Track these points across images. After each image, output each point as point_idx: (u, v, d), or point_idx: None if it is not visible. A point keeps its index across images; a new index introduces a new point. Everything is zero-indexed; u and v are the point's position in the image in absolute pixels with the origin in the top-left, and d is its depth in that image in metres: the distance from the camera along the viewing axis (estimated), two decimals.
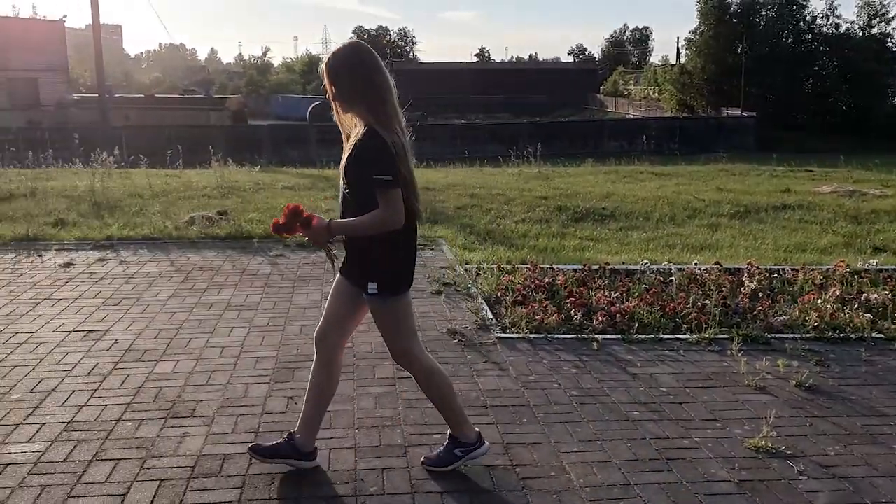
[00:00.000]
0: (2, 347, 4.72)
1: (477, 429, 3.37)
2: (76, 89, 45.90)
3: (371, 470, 3.30)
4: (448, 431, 3.35)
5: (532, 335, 5.03)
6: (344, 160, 3.01)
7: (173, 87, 65.74)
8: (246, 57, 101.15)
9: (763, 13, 44.39)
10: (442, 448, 3.35)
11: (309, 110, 46.90)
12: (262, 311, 5.54)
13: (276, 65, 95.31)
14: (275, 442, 3.31)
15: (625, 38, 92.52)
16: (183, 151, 13.73)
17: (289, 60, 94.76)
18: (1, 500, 3.02)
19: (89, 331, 5.05)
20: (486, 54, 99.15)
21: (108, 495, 3.06)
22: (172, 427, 3.67)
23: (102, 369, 4.39)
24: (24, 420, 3.73)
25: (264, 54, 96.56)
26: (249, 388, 4.15)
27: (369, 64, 2.96)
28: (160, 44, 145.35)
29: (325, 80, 3.00)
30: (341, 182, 3.04)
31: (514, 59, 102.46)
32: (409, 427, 3.71)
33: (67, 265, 6.77)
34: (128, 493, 3.08)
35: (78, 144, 13.60)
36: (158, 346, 4.79)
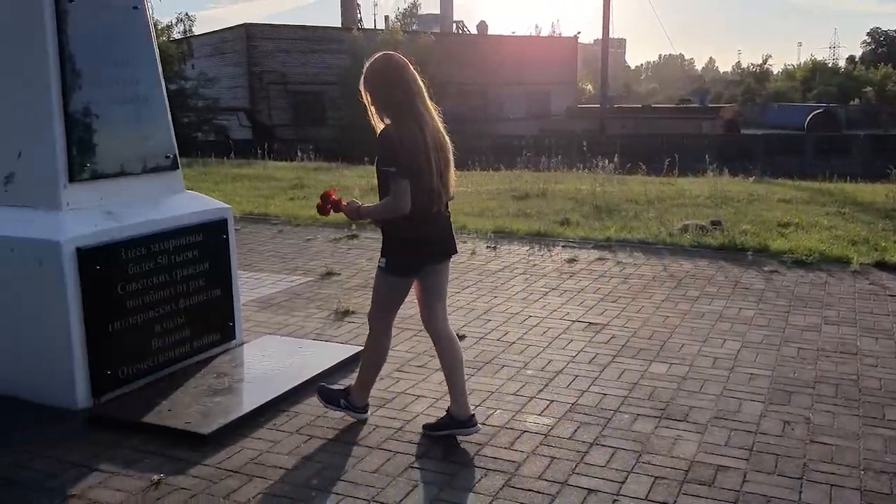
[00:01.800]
0: (519, 327, 5.37)
1: (367, 402, 3.85)
2: (580, 100, 49.75)
3: None
4: (351, 385, 3.85)
5: None
6: None
7: (669, 97, 67.07)
8: (744, 65, 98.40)
9: None
10: (338, 393, 3.87)
11: (808, 119, 43.94)
12: (756, 327, 5.36)
13: (775, 72, 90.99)
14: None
15: None
16: (674, 160, 13.95)
17: (790, 67, 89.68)
18: (518, 461, 3.45)
19: (590, 323, 5.47)
20: None
21: (607, 480, 3.28)
22: (666, 428, 3.78)
23: (601, 360, 4.72)
24: (536, 394, 4.20)
25: (764, 62, 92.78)
26: (743, 403, 4.07)
27: (390, 74, 3.46)
28: (660, 55, 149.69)
29: (361, 89, 3.49)
30: None
31: None
32: None
33: (571, 261, 7.40)
34: (625, 482, 3.27)
35: (585, 151, 14.73)
36: (652, 346, 4.97)
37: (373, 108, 3.52)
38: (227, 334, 4.75)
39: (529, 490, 3.20)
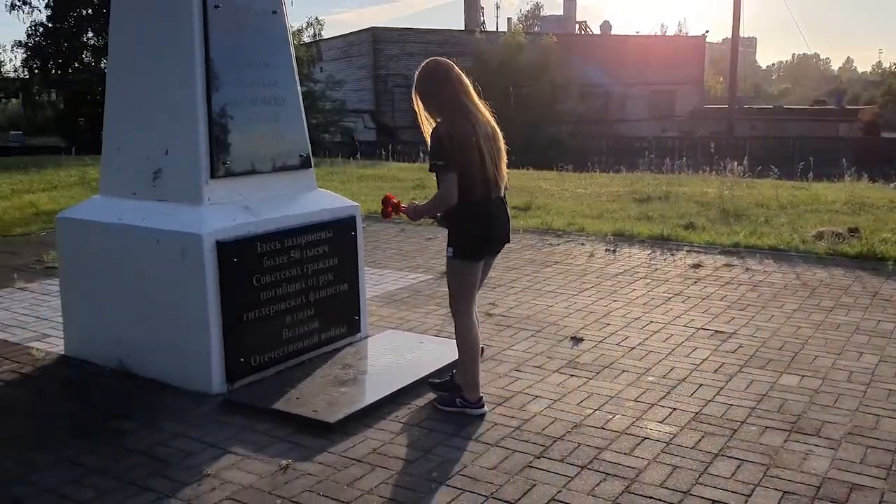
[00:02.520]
0: (640, 333, 5.28)
1: (480, 396, 3.93)
2: (706, 100, 48.15)
3: None
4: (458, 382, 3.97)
5: None
6: None
7: (802, 98, 63.91)
8: (885, 65, 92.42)
9: None
10: (453, 395, 3.97)
11: None
12: None
13: None
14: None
15: None
16: (809, 163, 13.29)
17: None
18: (639, 468, 3.39)
19: (716, 331, 5.30)
20: None
21: (732, 492, 3.18)
22: (796, 442, 3.62)
23: (728, 370, 4.57)
24: (658, 402, 4.12)
25: None
26: (881, 420, 3.85)
27: (437, 75, 3.73)
28: (793, 55, 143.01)
29: (413, 96, 3.77)
30: None
31: None
32: None
33: (696, 266, 7.20)
34: (751, 495, 3.15)
35: (712, 153, 14.28)
36: (783, 357, 4.77)
37: (423, 113, 3.80)
38: (352, 327, 4.91)
39: (650, 497, 3.14)
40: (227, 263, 4.09)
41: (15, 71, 34.61)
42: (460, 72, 3.76)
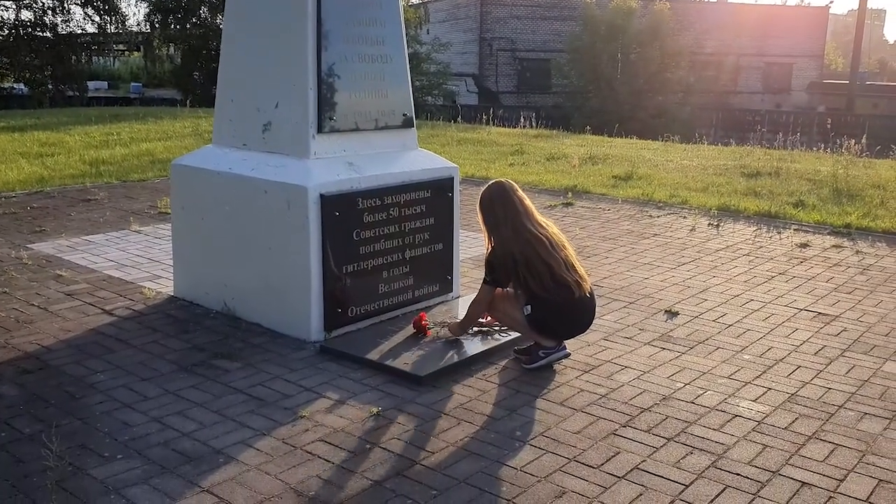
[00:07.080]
0: (738, 310, 5.15)
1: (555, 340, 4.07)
2: (826, 75, 45.72)
3: None
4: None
5: None
6: None
7: None
8: None
9: None
10: (534, 352, 4.07)
11: None
12: None
13: None
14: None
15: None
16: None
17: None
18: (727, 444, 3.35)
19: (819, 313, 5.12)
20: None
21: (823, 475, 3.10)
22: None
23: (829, 353, 4.42)
24: (752, 380, 4.03)
25: None
26: None
27: (495, 200, 4.04)
28: None
29: (478, 212, 4.12)
30: None
31: None
32: None
33: (803, 246, 6.93)
34: (843, 480, 3.07)
35: (829, 129, 13.60)
36: (889, 344, 4.57)
37: (483, 227, 4.09)
38: (445, 287, 4.98)
39: (737, 474, 3.10)
40: (329, 216, 4.21)
41: (138, 25, 36.17)
42: (523, 195, 4.09)
